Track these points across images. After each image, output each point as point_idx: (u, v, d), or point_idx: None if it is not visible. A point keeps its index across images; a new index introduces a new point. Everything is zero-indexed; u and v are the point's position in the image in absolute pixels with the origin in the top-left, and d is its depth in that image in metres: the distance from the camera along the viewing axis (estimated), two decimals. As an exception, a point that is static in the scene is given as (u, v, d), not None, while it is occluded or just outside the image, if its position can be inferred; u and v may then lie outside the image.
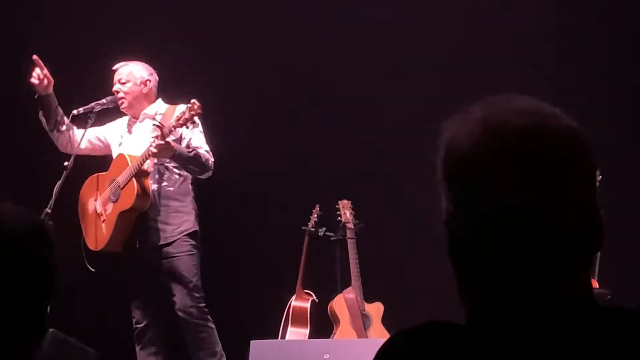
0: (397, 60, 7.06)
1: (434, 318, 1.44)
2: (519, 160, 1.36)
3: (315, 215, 6.49)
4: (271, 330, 6.22)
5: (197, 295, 5.71)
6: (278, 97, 7.19)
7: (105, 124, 6.04)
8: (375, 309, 6.21)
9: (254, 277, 7.03)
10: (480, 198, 1.38)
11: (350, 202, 6.45)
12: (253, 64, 7.18)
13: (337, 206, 6.44)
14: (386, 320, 6.17)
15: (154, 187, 5.74)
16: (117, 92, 5.89)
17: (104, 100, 5.88)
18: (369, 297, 6.22)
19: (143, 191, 5.66)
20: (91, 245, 5.84)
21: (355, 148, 7.14)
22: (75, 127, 5.91)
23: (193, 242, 5.79)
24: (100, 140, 6.03)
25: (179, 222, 5.78)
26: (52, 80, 5.73)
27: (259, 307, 6.71)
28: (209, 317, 5.75)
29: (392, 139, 7.01)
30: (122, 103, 5.89)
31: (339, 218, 6.39)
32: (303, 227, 6.46)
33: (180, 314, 5.69)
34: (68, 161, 5.57)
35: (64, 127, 5.89)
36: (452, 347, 1.37)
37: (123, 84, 5.89)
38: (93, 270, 5.74)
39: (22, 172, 6.91)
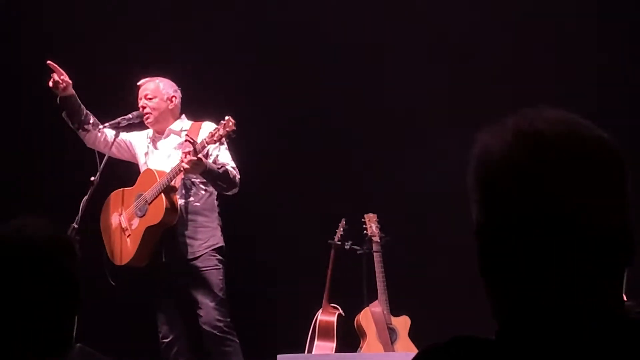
0: (424, 76, 7.03)
1: (462, 332, 1.42)
2: (551, 168, 1.35)
3: (341, 229, 6.48)
4: (298, 345, 6.21)
5: (222, 309, 5.72)
6: (303, 111, 7.19)
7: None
8: (402, 323, 6.19)
9: (281, 291, 7.03)
10: (511, 207, 1.37)
11: (376, 215, 6.44)
12: (276, 79, 7.19)
13: (363, 220, 6.43)
14: (413, 334, 6.14)
15: (181, 202, 5.75)
16: (144, 107, 5.91)
17: (130, 115, 5.90)
18: (395, 311, 6.20)
19: (172, 206, 5.67)
20: (115, 259, 5.85)
21: (381, 161, 7.12)
22: (101, 126, 5.93)
23: (219, 257, 5.80)
24: (127, 145, 6.05)
25: (206, 237, 5.79)
26: (70, 81, 5.78)
27: (285, 321, 6.70)
28: (233, 331, 5.75)
29: (418, 152, 6.99)
30: (148, 118, 5.91)
31: (365, 231, 6.38)
32: (329, 241, 6.45)
33: (206, 327, 5.69)
34: (94, 176, 5.59)
35: (90, 126, 5.92)
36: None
37: (150, 99, 5.92)
38: (114, 284, 5.75)
39: (49, 187, 6.94)
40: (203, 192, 5.82)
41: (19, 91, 7.06)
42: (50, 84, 5.75)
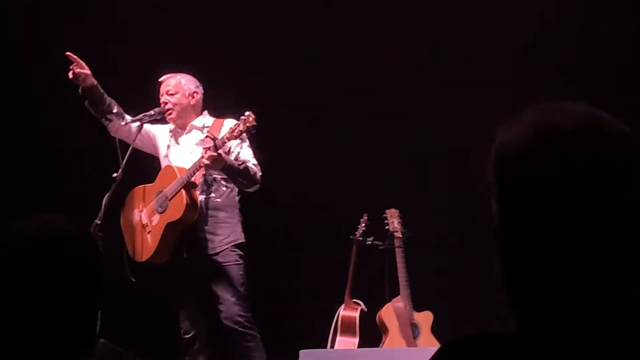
0: (449, 69, 7.02)
1: (484, 327, 1.42)
2: (571, 160, 1.34)
3: (363, 225, 6.47)
4: (320, 340, 6.21)
5: (243, 304, 5.71)
6: (324, 106, 7.18)
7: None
8: (425, 318, 6.18)
9: (303, 287, 7.03)
10: (531, 202, 1.36)
11: (398, 211, 6.43)
12: (298, 73, 7.18)
13: (384, 215, 6.42)
14: (436, 329, 6.13)
15: (202, 197, 5.75)
16: (165, 103, 5.91)
17: (152, 112, 5.91)
18: (418, 306, 6.19)
19: (192, 203, 5.67)
20: (136, 256, 5.86)
21: (403, 156, 7.11)
22: (127, 116, 5.94)
23: (240, 253, 5.80)
24: (151, 137, 6.06)
25: (227, 232, 5.79)
26: (90, 71, 5.79)
27: (307, 317, 6.70)
28: (255, 326, 5.74)
29: (440, 147, 6.98)
30: (170, 114, 5.91)
31: (387, 227, 6.37)
32: (351, 237, 6.45)
33: (226, 322, 5.68)
34: (117, 172, 5.60)
35: (113, 116, 5.92)
36: (502, 358, 1.35)
37: (171, 95, 5.92)
38: (134, 281, 5.76)
39: (71, 183, 6.97)
40: (224, 188, 5.82)
41: (40, 87, 7.08)
42: (70, 75, 5.76)
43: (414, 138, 7.09)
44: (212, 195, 5.79)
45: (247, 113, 5.44)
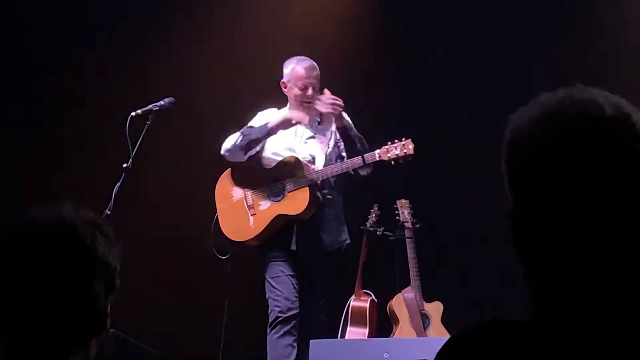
0: (462, 59, 7.02)
1: (494, 316, 1.42)
2: (574, 146, 1.34)
3: (374, 215, 6.47)
4: (331, 330, 6.21)
5: (327, 307, 5.79)
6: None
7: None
8: (435, 308, 6.19)
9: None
10: (539, 185, 1.36)
11: (408, 201, 6.42)
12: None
13: (395, 206, 6.41)
14: (446, 320, 6.14)
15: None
16: (314, 88, 5.83)
17: (161, 102, 5.88)
18: (428, 297, 6.19)
19: (314, 202, 5.67)
20: (230, 233, 5.84)
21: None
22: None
23: (341, 257, 5.83)
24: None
25: (336, 231, 5.82)
26: None
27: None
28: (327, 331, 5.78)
29: (451, 137, 6.98)
30: (311, 103, 5.81)
31: (397, 217, 6.37)
32: (361, 227, 6.45)
33: (308, 321, 5.71)
34: (127, 163, 5.57)
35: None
36: (513, 345, 1.35)
37: (316, 84, 5.85)
38: (223, 258, 5.76)
39: (82, 174, 6.98)
40: (335, 186, 5.79)
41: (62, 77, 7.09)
42: None
43: (425, 127, 7.10)
44: (325, 191, 5.77)
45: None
